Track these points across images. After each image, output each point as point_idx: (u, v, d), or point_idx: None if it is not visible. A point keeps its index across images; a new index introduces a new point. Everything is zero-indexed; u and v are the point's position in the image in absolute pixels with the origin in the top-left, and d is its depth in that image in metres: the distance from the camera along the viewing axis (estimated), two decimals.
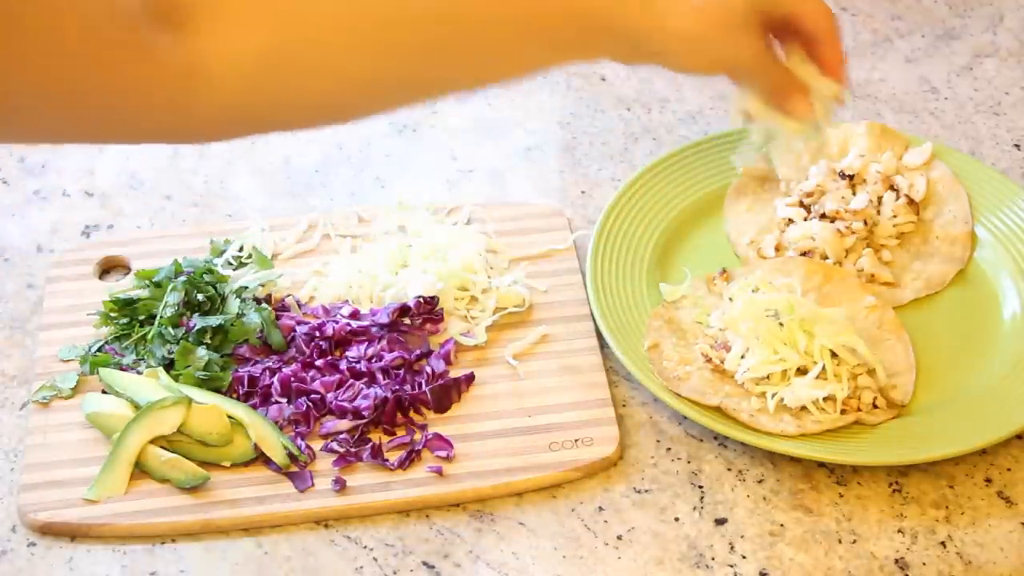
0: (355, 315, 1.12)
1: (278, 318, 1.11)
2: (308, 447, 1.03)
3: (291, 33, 0.83)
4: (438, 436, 1.04)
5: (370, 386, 1.07)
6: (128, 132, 0.84)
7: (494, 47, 0.91)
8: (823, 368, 1.04)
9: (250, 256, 1.17)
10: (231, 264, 1.16)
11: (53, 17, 0.74)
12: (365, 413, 1.04)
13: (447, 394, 1.07)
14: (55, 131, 0.82)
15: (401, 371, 1.08)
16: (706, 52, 0.94)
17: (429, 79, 0.91)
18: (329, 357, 1.09)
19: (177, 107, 0.81)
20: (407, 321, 1.11)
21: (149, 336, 1.10)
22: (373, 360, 1.09)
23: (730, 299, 1.09)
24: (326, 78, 0.85)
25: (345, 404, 1.05)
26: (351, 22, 0.85)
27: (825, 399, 1.03)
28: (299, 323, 1.11)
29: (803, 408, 1.03)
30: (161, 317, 1.10)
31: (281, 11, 0.83)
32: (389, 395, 1.05)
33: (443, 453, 1.03)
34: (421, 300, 1.11)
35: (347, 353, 1.09)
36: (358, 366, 1.08)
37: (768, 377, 1.04)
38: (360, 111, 0.93)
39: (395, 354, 1.09)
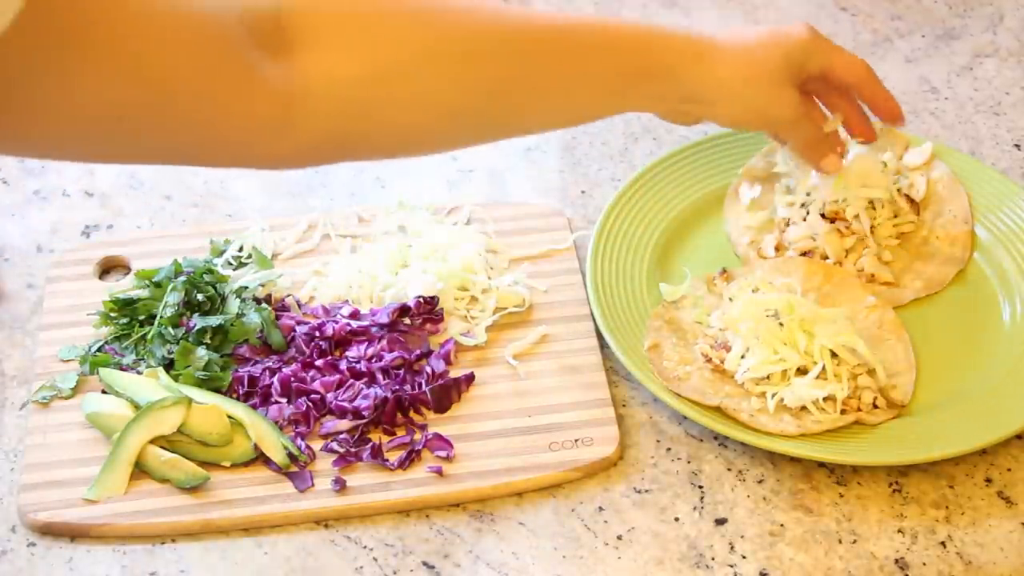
0: (355, 315, 1.12)
1: (278, 318, 1.11)
2: (308, 447, 1.03)
3: (388, 63, 0.86)
4: (438, 436, 1.04)
5: (370, 386, 1.07)
6: (221, 155, 0.87)
7: (566, 91, 0.98)
8: (823, 368, 1.04)
9: (250, 256, 1.17)
10: (231, 264, 1.16)
11: (157, 37, 0.75)
12: (365, 413, 1.04)
13: (447, 394, 1.07)
14: (148, 151, 0.83)
15: (401, 371, 1.08)
16: (747, 103, 1.03)
17: (503, 119, 0.97)
18: (329, 357, 1.09)
19: (273, 132, 0.83)
20: (407, 321, 1.11)
21: (149, 336, 1.10)
22: (373, 360, 1.09)
23: (730, 299, 1.09)
24: (416, 109, 0.89)
25: (345, 404, 1.05)
26: (443, 53, 0.89)
27: (825, 399, 1.03)
28: (299, 323, 1.11)
29: (803, 408, 1.03)
30: (161, 317, 1.10)
31: (380, 40, 0.86)
32: (389, 395, 1.05)
33: (443, 453, 1.03)
34: (421, 300, 1.11)
35: (347, 353, 1.09)
36: (358, 366, 1.08)
37: (768, 377, 1.04)
38: (437, 145, 0.99)
39: (395, 354, 1.08)
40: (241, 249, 1.17)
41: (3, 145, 0.76)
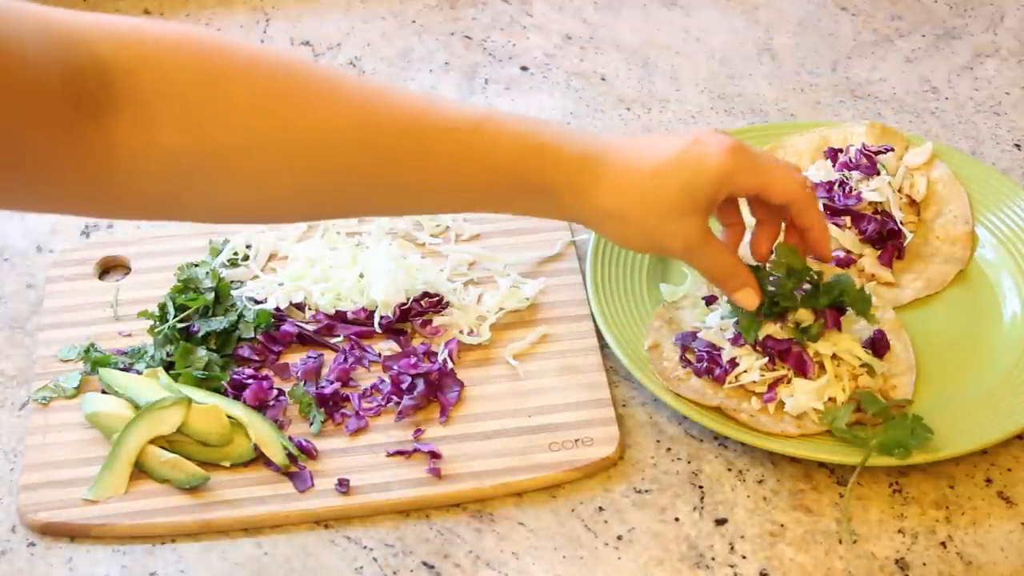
0: (356, 314, 1.12)
1: (278, 319, 1.11)
2: (311, 444, 1.03)
3: (215, 143, 0.84)
4: (435, 442, 1.04)
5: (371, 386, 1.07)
6: (44, 202, 0.85)
7: (427, 194, 0.93)
8: (824, 374, 1.03)
9: (246, 257, 1.17)
10: (225, 265, 1.16)
11: None
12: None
13: (443, 393, 1.06)
14: None
15: (401, 370, 1.08)
16: (636, 233, 0.96)
17: (348, 207, 0.93)
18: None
19: (93, 185, 0.82)
20: (408, 321, 1.11)
21: (157, 336, 1.09)
22: (374, 359, 1.09)
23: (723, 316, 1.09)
24: (245, 188, 0.87)
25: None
26: (280, 142, 0.86)
27: (826, 401, 1.03)
28: (299, 324, 1.11)
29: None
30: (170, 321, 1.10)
31: (208, 121, 0.84)
32: (389, 394, 1.05)
33: (437, 455, 1.02)
34: (424, 296, 1.12)
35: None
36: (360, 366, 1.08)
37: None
38: (272, 219, 0.97)
39: (397, 353, 1.09)
40: (237, 253, 1.17)
41: None
